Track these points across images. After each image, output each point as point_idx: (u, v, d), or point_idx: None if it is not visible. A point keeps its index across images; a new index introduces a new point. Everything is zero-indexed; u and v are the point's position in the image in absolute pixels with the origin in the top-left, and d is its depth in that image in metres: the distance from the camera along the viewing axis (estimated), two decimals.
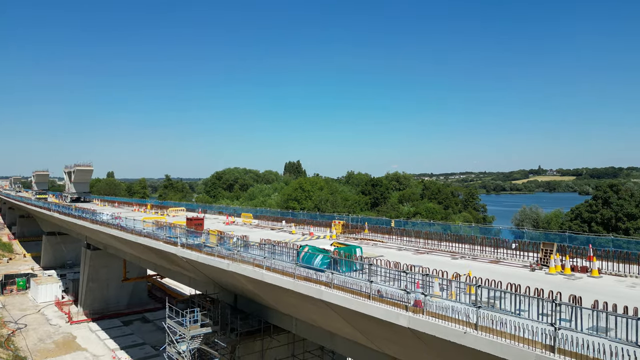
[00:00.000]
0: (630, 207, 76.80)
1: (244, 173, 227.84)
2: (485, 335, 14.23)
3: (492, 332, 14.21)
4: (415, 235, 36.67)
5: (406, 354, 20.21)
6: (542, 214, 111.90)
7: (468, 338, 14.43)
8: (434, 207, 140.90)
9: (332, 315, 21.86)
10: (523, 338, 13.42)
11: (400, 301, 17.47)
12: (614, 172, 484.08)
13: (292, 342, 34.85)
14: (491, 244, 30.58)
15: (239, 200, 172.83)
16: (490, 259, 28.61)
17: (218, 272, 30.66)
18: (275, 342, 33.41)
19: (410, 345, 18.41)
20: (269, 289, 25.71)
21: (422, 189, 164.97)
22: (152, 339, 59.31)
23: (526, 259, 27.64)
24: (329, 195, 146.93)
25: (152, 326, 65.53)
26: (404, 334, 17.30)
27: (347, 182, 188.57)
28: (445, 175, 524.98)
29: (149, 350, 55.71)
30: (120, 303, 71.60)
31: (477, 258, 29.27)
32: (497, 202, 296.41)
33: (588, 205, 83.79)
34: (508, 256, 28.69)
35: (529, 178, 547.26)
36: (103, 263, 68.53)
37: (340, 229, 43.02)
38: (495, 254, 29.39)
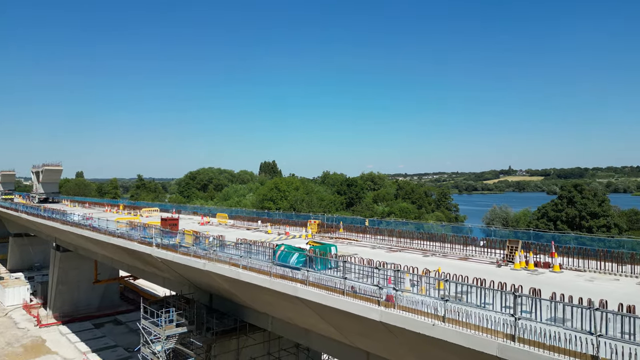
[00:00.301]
0: (594, 206, 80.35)
1: (219, 173, 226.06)
2: (453, 327, 15.04)
3: (459, 324, 15.04)
4: (388, 234, 37.59)
5: (379, 347, 20.93)
6: (511, 213, 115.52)
7: (436, 330, 15.22)
8: (408, 206, 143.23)
9: (308, 312, 22.40)
10: (487, 329, 14.28)
11: (373, 296, 18.16)
12: (580, 173, 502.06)
13: (268, 341, 35.21)
14: (461, 241, 31.72)
15: (213, 201, 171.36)
16: (459, 256, 29.71)
17: (194, 272, 30.76)
18: (251, 341, 33.71)
19: (383, 339, 19.12)
20: (245, 288, 26.04)
21: (396, 189, 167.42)
22: (124, 341, 58.53)
23: (493, 255, 28.85)
24: (305, 195, 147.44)
25: (124, 328, 64.61)
26: (376, 327, 17.99)
27: (322, 182, 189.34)
28: (419, 175, 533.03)
29: (121, 352, 54.98)
30: (91, 305, 70.27)
31: (447, 255, 30.33)
32: (469, 202, 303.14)
33: (554, 205, 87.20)
34: (477, 253, 29.87)
35: (500, 178, 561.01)
36: (73, 265, 67.13)
37: (316, 229, 43.61)
38: (465, 252, 30.53)
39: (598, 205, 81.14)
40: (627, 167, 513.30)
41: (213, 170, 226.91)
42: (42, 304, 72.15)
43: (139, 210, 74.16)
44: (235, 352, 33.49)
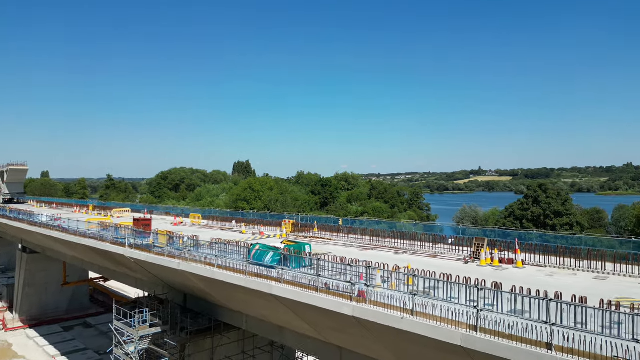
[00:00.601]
0: (557, 205, 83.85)
1: (191, 173, 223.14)
2: (420, 319, 15.86)
3: (426, 317, 15.87)
4: (361, 233, 38.45)
5: (351, 342, 21.63)
6: (480, 212, 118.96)
7: (405, 323, 16.00)
8: (381, 206, 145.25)
9: (282, 309, 22.89)
10: (452, 320, 15.15)
11: (346, 292, 18.85)
12: (547, 173, 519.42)
13: (243, 339, 35.46)
14: (430, 240, 32.85)
15: (185, 201, 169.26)
16: (429, 254, 30.79)
17: (168, 272, 30.77)
18: (225, 340, 33.89)
19: (355, 334, 19.82)
20: (220, 287, 26.31)
21: (369, 189, 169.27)
22: (95, 344, 57.58)
23: (461, 253, 30.04)
24: (279, 196, 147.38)
25: (94, 331, 63.51)
26: (348, 322, 18.67)
27: (297, 182, 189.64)
28: (392, 175, 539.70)
29: (92, 355, 54.11)
30: (60, 308, 68.65)
31: (417, 253, 31.37)
32: (441, 201, 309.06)
33: (520, 204, 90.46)
34: (445, 251, 31.02)
35: (470, 178, 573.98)
36: (41, 267, 65.42)
37: (291, 228, 44.08)
38: (434, 249, 31.65)
39: (561, 204, 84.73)
40: (590, 168, 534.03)
41: (185, 170, 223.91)
42: (8, 307, 70.03)
43: (109, 210, 72.89)
44: (210, 351, 33.61)
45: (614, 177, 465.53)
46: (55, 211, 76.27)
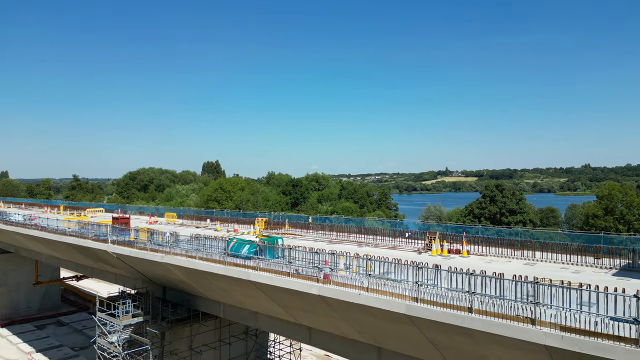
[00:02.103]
0: (512, 204, 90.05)
1: (160, 173, 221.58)
2: (374, 295, 19.29)
3: (379, 292, 19.32)
4: (329, 229, 41.87)
5: (318, 321, 24.89)
6: (444, 211, 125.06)
7: (361, 298, 19.40)
8: (351, 206, 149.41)
9: (258, 294, 25.94)
10: (398, 294, 18.64)
11: (313, 276, 22.12)
12: (510, 174, 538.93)
13: (219, 328, 38.20)
14: (390, 234, 36.58)
15: (155, 202, 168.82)
16: (388, 246, 34.46)
17: (151, 265, 33.21)
18: (203, 328, 36.59)
19: (322, 312, 23.09)
20: (201, 276, 29.08)
21: (340, 189, 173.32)
22: (69, 341, 58.74)
23: (417, 245, 33.86)
24: (250, 196, 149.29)
25: (68, 329, 64.42)
26: (315, 301, 21.93)
27: (267, 183, 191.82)
28: (362, 176, 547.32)
29: (67, 351, 55.32)
30: (32, 307, 69.10)
31: (378, 246, 34.98)
32: (409, 201, 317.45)
33: (478, 203, 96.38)
34: (403, 243, 34.79)
35: (438, 179, 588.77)
36: (12, 266, 65.82)
37: (263, 226, 47.00)
38: (393, 242, 35.38)
39: (515, 203, 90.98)
40: (551, 169, 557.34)
41: (154, 171, 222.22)
42: None
43: (82, 210, 73.66)
44: (189, 339, 36.25)
45: (572, 177, 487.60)
46: (26, 211, 76.29)
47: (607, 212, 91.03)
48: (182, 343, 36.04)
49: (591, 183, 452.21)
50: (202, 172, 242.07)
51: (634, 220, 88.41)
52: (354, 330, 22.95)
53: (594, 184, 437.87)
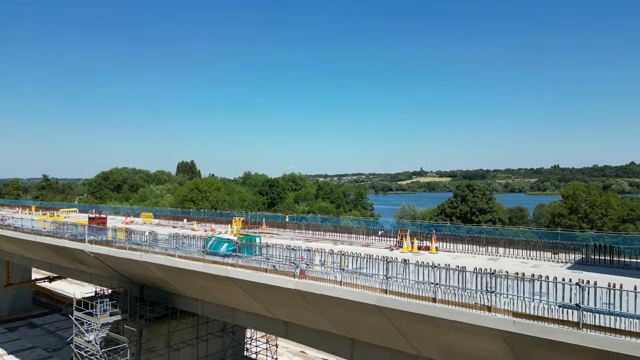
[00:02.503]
0: (482, 203, 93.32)
1: (134, 173, 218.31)
2: (347, 288, 20.55)
3: (352, 285, 20.60)
4: (305, 228, 43.02)
5: (295, 315, 26.02)
6: (418, 210, 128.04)
7: (335, 291, 20.65)
8: (327, 206, 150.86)
9: (237, 290, 26.87)
10: (370, 287, 19.95)
11: (290, 272, 23.24)
12: (483, 174, 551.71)
13: (197, 325, 38.85)
14: (364, 232, 38.01)
15: (128, 202, 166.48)
16: (362, 244, 35.86)
17: (129, 264, 33.67)
18: (181, 325, 37.21)
19: (298, 306, 24.22)
20: (180, 274, 29.80)
21: (316, 189, 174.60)
22: (42, 343, 58.11)
23: (389, 242, 35.36)
24: (227, 196, 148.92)
25: (40, 331, 63.60)
26: (292, 295, 23.06)
27: (244, 183, 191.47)
28: (338, 176, 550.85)
29: (41, 352, 54.76)
30: (2, 309, 67.93)
31: (353, 243, 36.33)
32: (384, 201, 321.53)
33: (450, 203, 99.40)
34: (376, 241, 36.25)
35: (413, 179, 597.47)
36: None
37: (241, 225, 47.75)
38: (367, 240, 36.80)
39: (485, 202, 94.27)
40: (522, 169, 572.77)
41: (127, 171, 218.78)
42: None
43: (55, 211, 72.66)
44: (167, 336, 36.79)
45: (542, 178, 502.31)
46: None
47: (571, 211, 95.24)
48: (160, 341, 36.55)
49: (560, 183, 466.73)
50: (176, 172, 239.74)
51: (597, 219, 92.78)
52: (328, 323, 24.16)
53: (562, 184, 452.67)
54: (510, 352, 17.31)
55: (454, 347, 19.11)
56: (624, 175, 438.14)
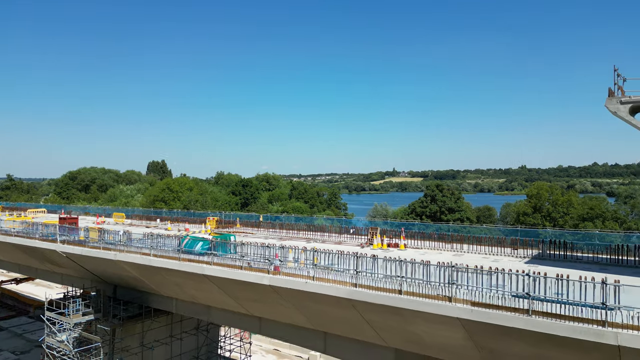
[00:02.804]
0: (451, 202, 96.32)
1: (103, 173, 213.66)
2: (319, 283, 21.60)
3: (324, 281, 21.65)
4: (279, 227, 43.85)
5: (269, 311, 26.88)
6: (390, 210, 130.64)
7: (308, 286, 21.66)
8: (301, 206, 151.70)
9: (212, 287, 27.53)
10: (341, 281, 21.06)
11: (265, 268, 24.11)
12: (453, 174, 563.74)
13: (171, 324, 39.16)
14: (337, 230, 39.19)
15: (97, 202, 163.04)
16: (335, 242, 36.99)
17: (103, 264, 33.75)
18: (155, 324, 37.46)
19: (272, 301, 25.11)
20: (155, 273, 30.19)
21: (290, 189, 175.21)
22: (9, 345, 56.97)
23: (360, 240, 36.63)
24: (199, 196, 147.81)
25: (7, 333, 62.25)
26: (267, 291, 23.94)
27: (216, 183, 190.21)
28: (312, 176, 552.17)
29: (8, 355, 53.73)
30: None
31: (325, 241, 37.41)
32: (358, 201, 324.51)
33: (420, 202, 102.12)
34: (348, 239, 37.45)
35: (385, 179, 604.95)
36: None
37: (215, 225, 48.14)
38: (339, 238, 37.96)
39: (454, 202, 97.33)
40: (491, 170, 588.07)
41: (96, 170, 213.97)
42: None
43: (22, 211, 70.98)
44: (140, 335, 36.98)
45: (510, 178, 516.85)
46: None
47: (535, 210, 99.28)
48: (134, 339, 36.72)
49: (527, 183, 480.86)
50: (147, 172, 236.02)
51: (559, 217, 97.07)
52: (301, 318, 25.15)
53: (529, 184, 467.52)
54: (470, 340, 18.72)
55: (419, 336, 20.41)
56: (586, 176, 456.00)
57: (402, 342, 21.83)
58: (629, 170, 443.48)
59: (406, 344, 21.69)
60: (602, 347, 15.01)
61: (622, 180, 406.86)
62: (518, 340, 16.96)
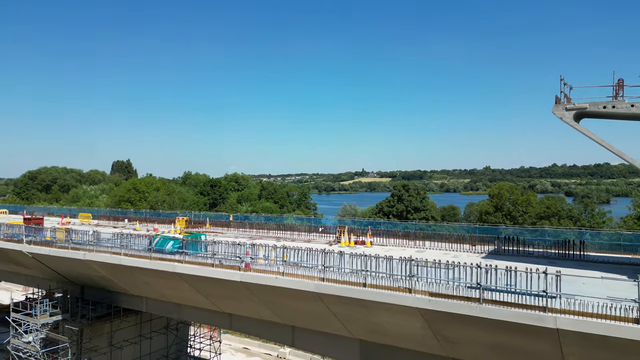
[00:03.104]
0: (416, 202, 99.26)
1: (64, 173, 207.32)
2: (289, 278, 22.64)
3: (293, 276, 22.71)
4: (249, 226, 44.57)
5: (239, 307, 27.70)
6: (358, 209, 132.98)
7: (278, 281, 22.66)
8: (271, 206, 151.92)
9: (183, 285, 28.09)
10: (309, 276, 22.17)
11: (236, 265, 24.94)
12: (420, 175, 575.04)
13: (140, 323, 39.24)
14: (306, 229, 40.30)
15: (59, 203, 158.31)
16: (304, 240, 38.08)
17: (71, 264, 33.61)
18: (124, 324, 37.50)
19: (242, 297, 25.95)
20: (126, 272, 30.43)
21: (260, 190, 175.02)
22: None
23: (329, 238, 37.86)
24: (166, 196, 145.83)
25: None
26: (238, 287, 24.77)
27: (184, 183, 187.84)
28: (282, 176, 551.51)
29: None
30: None
31: (295, 240, 38.46)
32: (327, 201, 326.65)
33: (388, 202, 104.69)
34: (317, 237, 38.62)
35: (355, 179, 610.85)
36: None
37: (184, 224, 48.34)
38: (309, 237, 39.08)
39: (419, 201, 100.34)
40: (457, 170, 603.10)
41: (57, 170, 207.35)
42: None
43: None
44: (109, 335, 36.96)
45: (475, 178, 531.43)
46: None
47: (497, 209, 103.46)
48: (102, 339, 36.68)
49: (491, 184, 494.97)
50: (111, 172, 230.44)
51: (519, 216, 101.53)
52: (271, 313, 26.11)
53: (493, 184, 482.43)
54: (429, 328, 20.19)
55: (382, 326, 21.76)
56: (547, 176, 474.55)
57: (367, 333, 23.13)
58: (586, 171, 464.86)
59: (370, 334, 23.00)
60: (544, 330, 16.70)
61: (579, 180, 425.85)
62: (471, 327, 18.51)
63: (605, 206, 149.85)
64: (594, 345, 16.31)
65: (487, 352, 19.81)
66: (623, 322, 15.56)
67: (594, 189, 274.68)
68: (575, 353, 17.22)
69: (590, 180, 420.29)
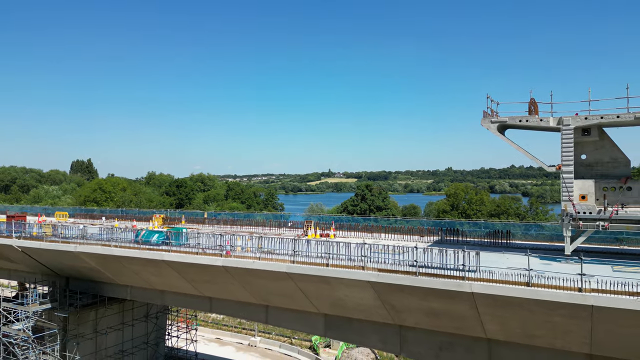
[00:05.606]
0: (379, 201, 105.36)
1: (23, 172, 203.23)
2: (264, 262, 27.07)
3: (268, 260, 27.15)
4: (223, 223, 48.49)
5: (219, 291, 31.81)
6: (325, 209, 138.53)
7: (255, 264, 27.03)
8: (238, 206, 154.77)
9: (169, 272, 31.93)
10: (282, 260, 26.68)
11: (218, 253, 29.13)
12: (385, 175, 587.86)
13: (122, 312, 42.56)
14: (277, 225, 44.71)
15: (19, 203, 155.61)
16: (275, 234, 42.45)
17: (60, 256, 36.65)
18: (108, 312, 40.76)
19: (223, 281, 30.10)
20: (115, 262, 33.92)
21: (226, 190, 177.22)
22: None
23: (297, 232, 42.41)
24: (133, 197, 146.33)
25: None
26: (220, 272, 28.93)
27: (147, 183, 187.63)
28: (248, 176, 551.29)
29: None
30: None
31: (267, 234, 42.73)
32: (294, 201, 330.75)
33: (352, 201, 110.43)
34: (287, 231, 43.09)
35: (321, 180, 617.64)
36: None
37: (161, 221, 51.66)
38: (279, 231, 43.50)
39: (382, 201, 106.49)
40: (420, 171, 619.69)
41: (16, 170, 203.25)
42: None
43: None
44: (94, 322, 40.15)
45: (437, 179, 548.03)
46: None
47: (453, 208, 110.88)
48: (88, 326, 39.85)
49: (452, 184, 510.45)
50: (71, 172, 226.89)
51: (472, 214, 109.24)
52: (247, 294, 30.39)
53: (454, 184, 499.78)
54: (378, 299, 25.05)
55: (342, 300, 26.48)
56: (505, 177, 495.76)
57: (330, 307, 27.80)
58: (541, 173, 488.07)
59: (333, 308, 27.68)
60: (462, 295, 21.84)
61: (535, 181, 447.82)
62: (410, 295, 23.50)
63: (557, 205, 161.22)
64: (500, 304, 21.56)
65: (424, 317, 24.85)
66: (518, 285, 20.87)
67: (548, 189, 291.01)
68: (488, 313, 22.45)
69: (545, 180, 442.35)
